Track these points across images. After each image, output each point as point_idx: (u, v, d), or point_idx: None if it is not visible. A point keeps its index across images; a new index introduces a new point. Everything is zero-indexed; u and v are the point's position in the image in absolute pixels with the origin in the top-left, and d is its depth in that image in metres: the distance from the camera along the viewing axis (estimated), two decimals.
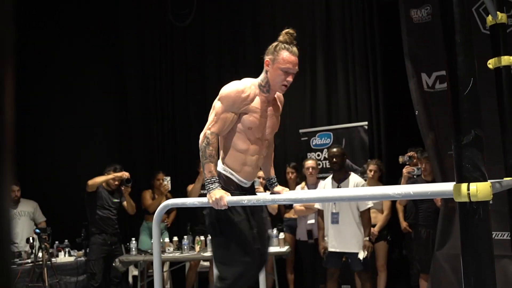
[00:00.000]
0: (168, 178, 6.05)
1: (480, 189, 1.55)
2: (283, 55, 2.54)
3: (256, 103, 2.61)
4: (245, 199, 2.45)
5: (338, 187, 4.97)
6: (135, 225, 6.48)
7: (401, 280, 5.68)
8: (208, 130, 2.54)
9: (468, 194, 1.56)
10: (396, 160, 5.24)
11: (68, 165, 7.01)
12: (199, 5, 7.30)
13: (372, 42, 6.44)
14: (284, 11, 7.10)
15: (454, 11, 1.59)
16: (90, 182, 5.54)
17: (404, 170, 5.08)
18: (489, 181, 1.62)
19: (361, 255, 4.85)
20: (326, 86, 6.72)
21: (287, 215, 5.99)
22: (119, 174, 5.65)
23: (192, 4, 7.23)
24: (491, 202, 1.61)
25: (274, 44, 2.60)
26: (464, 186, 1.57)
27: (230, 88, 2.57)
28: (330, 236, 5.02)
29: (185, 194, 5.99)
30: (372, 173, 5.43)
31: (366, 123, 6.24)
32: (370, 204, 5.04)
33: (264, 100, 2.65)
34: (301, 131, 6.58)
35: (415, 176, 5.06)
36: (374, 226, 5.46)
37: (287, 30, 2.57)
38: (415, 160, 5.13)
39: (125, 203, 5.82)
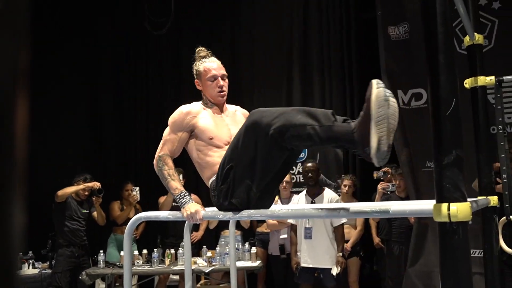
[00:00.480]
0: (137, 189, 5.96)
1: (461, 210, 1.56)
2: (203, 67, 2.62)
3: (205, 115, 2.60)
4: (221, 215, 2.42)
5: (312, 202, 4.98)
6: (104, 237, 6.36)
7: None
8: (158, 155, 2.55)
9: (449, 214, 1.57)
10: (371, 176, 5.30)
11: (35, 173, 6.85)
12: (176, 13, 7.28)
13: (349, 56, 6.53)
14: (262, 22, 7.14)
15: (439, 31, 1.61)
16: (60, 192, 5.41)
17: (379, 186, 5.13)
18: (469, 200, 1.63)
19: (334, 271, 4.86)
20: (302, 99, 6.76)
21: (259, 229, 5.96)
22: (90, 184, 5.54)
23: (169, 12, 7.20)
24: (470, 222, 1.62)
25: (193, 65, 2.68)
26: (444, 206, 1.58)
27: (174, 113, 2.61)
28: (303, 251, 5.00)
29: (156, 206, 5.91)
30: (346, 188, 5.47)
31: None
32: (344, 219, 5.04)
33: (215, 112, 2.64)
34: None
35: (389, 192, 5.12)
36: (347, 241, 5.48)
37: (198, 49, 2.68)
38: (389, 176, 5.19)
39: (95, 213, 5.72)
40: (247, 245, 5.62)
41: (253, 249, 5.54)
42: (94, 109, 7.79)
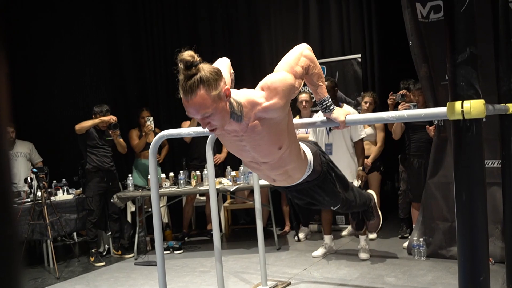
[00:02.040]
0: (151, 118, 5.99)
1: (474, 107, 1.56)
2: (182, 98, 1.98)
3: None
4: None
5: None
6: (131, 162, 6.54)
7: (392, 211, 5.83)
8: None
9: (462, 111, 1.57)
10: (389, 92, 5.24)
11: (62, 105, 6.99)
12: None
13: None
14: None
15: None
16: (78, 126, 5.52)
17: (400, 107, 5.06)
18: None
19: (356, 183, 4.94)
20: (319, 18, 6.61)
21: None
22: (106, 118, 5.59)
23: None
24: (484, 119, 1.62)
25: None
26: (458, 104, 1.58)
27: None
28: None
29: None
30: (367, 105, 5.44)
31: (359, 55, 6.20)
32: (363, 134, 5.06)
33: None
34: None
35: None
36: (367, 157, 5.54)
37: (180, 55, 1.86)
38: (407, 98, 5.12)
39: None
40: None
41: None
42: (112, 40, 7.74)
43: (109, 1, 7.68)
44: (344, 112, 2.28)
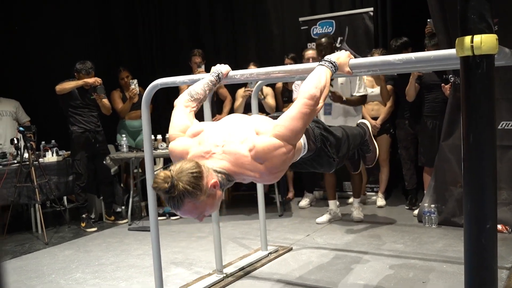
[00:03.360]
0: (135, 81, 5.91)
1: (485, 41, 1.54)
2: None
3: None
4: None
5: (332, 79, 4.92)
6: (116, 123, 6.48)
7: (402, 178, 5.82)
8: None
9: (472, 46, 1.55)
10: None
11: (50, 60, 6.95)
12: None
13: None
14: None
15: None
16: (58, 87, 5.46)
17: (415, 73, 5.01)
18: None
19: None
20: None
21: (285, 110, 6.02)
22: (90, 80, 5.52)
23: None
24: (496, 56, 1.60)
25: None
26: (467, 38, 1.56)
27: None
28: None
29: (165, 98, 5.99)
30: None
31: (371, 9, 6.12)
32: (362, 91, 5.03)
33: None
34: (300, 19, 6.46)
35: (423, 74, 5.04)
36: (376, 118, 5.53)
37: (156, 186, 1.87)
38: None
39: (105, 100, 5.74)
40: None
41: None
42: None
43: None
44: (346, 61, 2.26)
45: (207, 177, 1.94)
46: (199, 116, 2.52)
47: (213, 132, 2.15)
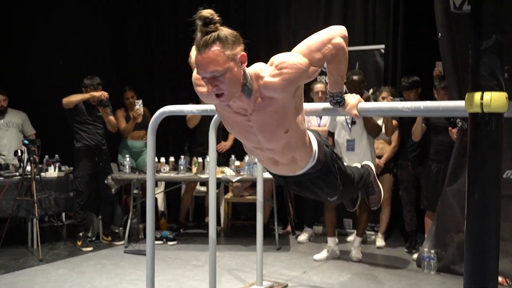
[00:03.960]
0: (140, 102, 5.91)
1: (495, 99, 1.52)
2: (193, 57, 2.08)
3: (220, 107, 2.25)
4: None
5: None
6: (118, 142, 6.45)
7: (403, 219, 5.75)
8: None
9: (481, 104, 1.53)
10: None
11: (60, 75, 6.99)
12: None
13: None
14: None
15: None
16: (65, 100, 5.46)
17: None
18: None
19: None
20: (343, 3, 6.55)
21: None
22: (97, 94, 5.53)
23: None
24: (505, 114, 1.58)
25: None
26: (477, 95, 1.54)
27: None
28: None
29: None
30: (384, 100, 5.39)
31: (383, 46, 6.14)
32: (380, 122, 5.09)
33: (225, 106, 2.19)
34: None
35: None
36: (380, 157, 5.50)
37: (199, 12, 1.93)
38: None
39: (112, 117, 5.78)
40: None
41: None
42: (116, 16, 7.74)
43: None
44: (354, 103, 2.25)
45: (241, 50, 1.99)
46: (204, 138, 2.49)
47: None
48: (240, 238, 5.97)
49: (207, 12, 1.90)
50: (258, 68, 2.06)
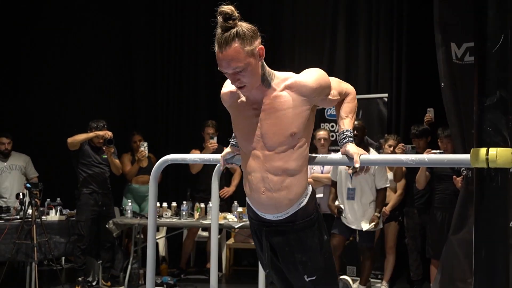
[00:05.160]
0: (145, 144, 5.94)
1: (500, 155, 1.54)
2: (215, 52, 2.12)
3: (237, 102, 2.34)
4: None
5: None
6: (123, 186, 6.46)
7: (408, 267, 5.68)
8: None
9: (487, 159, 1.54)
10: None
11: (63, 119, 7.06)
12: None
13: (399, 8, 6.37)
14: None
15: None
16: (70, 140, 5.49)
17: (425, 153, 5.06)
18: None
19: (365, 226, 4.94)
20: (346, 52, 6.67)
21: None
22: (101, 133, 5.58)
23: None
24: (511, 170, 1.59)
25: None
26: (483, 150, 1.56)
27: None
28: (344, 211, 5.09)
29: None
30: (391, 148, 5.40)
31: (386, 95, 6.20)
32: (388, 183, 5.10)
33: (243, 100, 2.30)
34: None
35: None
36: (386, 205, 5.47)
37: (220, 8, 2.02)
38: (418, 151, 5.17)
39: (117, 161, 5.80)
40: None
41: None
42: (123, 57, 7.85)
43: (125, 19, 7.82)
44: (358, 150, 2.25)
45: (260, 43, 2.11)
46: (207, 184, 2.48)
47: None
48: (242, 284, 5.89)
49: (227, 8, 2.01)
50: (285, 73, 2.25)
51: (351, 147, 2.23)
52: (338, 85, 2.30)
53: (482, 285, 1.56)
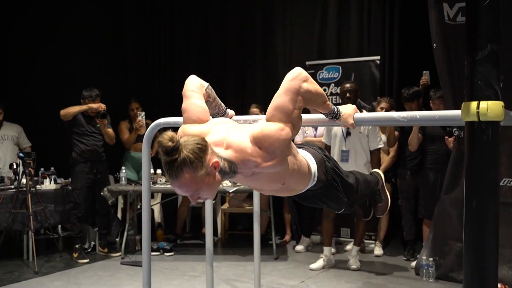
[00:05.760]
0: (143, 114, 5.92)
1: (491, 108, 1.54)
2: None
3: None
4: None
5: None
6: (122, 154, 6.50)
7: (401, 228, 5.76)
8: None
9: (478, 112, 1.55)
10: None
11: (56, 87, 6.99)
12: None
13: None
14: None
15: None
16: (63, 112, 5.48)
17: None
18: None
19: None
20: (338, 15, 6.61)
21: None
22: (94, 105, 5.55)
23: None
24: (502, 123, 1.60)
25: None
26: (473, 104, 1.56)
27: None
28: None
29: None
30: (383, 111, 5.41)
31: (378, 57, 6.18)
32: (381, 144, 5.11)
33: None
34: (307, 63, 6.52)
35: None
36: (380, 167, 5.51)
37: (160, 142, 1.79)
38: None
39: (110, 129, 5.77)
40: None
41: None
42: (115, 24, 7.77)
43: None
44: (351, 113, 2.26)
45: (211, 154, 1.89)
46: None
47: (217, 130, 2.10)
48: (237, 248, 5.96)
49: (167, 141, 1.77)
50: (245, 153, 1.95)
51: (345, 116, 2.26)
52: (292, 117, 1.98)
53: (472, 235, 1.59)
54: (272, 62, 7.10)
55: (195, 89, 2.28)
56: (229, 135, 2.03)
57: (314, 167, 2.34)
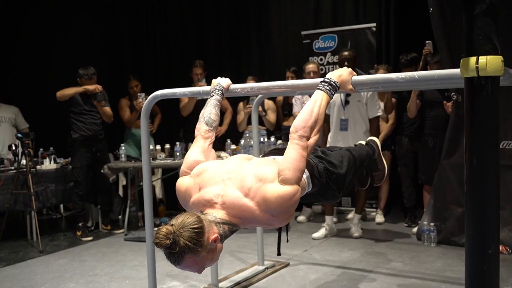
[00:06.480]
0: (143, 95, 5.81)
1: (491, 63, 1.51)
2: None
3: None
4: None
5: (346, 95, 4.95)
6: (124, 131, 6.50)
7: (401, 195, 5.77)
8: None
9: (477, 67, 1.52)
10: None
11: (51, 68, 6.94)
12: None
13: None
14: None
15: None
16: (59, 94, 5.45)
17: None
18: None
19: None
20: None
21: (285, 123, 6.03)
22: (91, 87, 5.51)
23: None
24: (501, 77, 1.58)
25: None
26: (473, 59, 1.53)
27: None
28: (336, 143, 5.05)
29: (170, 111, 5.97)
30: None
31: (374, 24, 6.12)
32: (380, 112, 5.08)
33: None
34: (303, 33, 6.46)
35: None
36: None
37: (156, 240, 1.82)
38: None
39: (107, 108, 5.72)
40: (272, 138, 5.72)
41: (279, 143, 5.63)
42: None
43: None
44: (348, 79, 2.21)
45: (208, 232, 1.89)
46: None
47: (214, 176, 2.09)
48: None
49: (163, 238, 1.79)
50: (253, 217, 2.00)
51: (343, 83, 2.21)
52: (299, 175, 2.01)
53: (474, 192, 1.58)
54: (267, 32, 7.04)
55: (198, 136, 2.46)
56: (227, 191, 2.02)
57: (306, 178, 2.32)
